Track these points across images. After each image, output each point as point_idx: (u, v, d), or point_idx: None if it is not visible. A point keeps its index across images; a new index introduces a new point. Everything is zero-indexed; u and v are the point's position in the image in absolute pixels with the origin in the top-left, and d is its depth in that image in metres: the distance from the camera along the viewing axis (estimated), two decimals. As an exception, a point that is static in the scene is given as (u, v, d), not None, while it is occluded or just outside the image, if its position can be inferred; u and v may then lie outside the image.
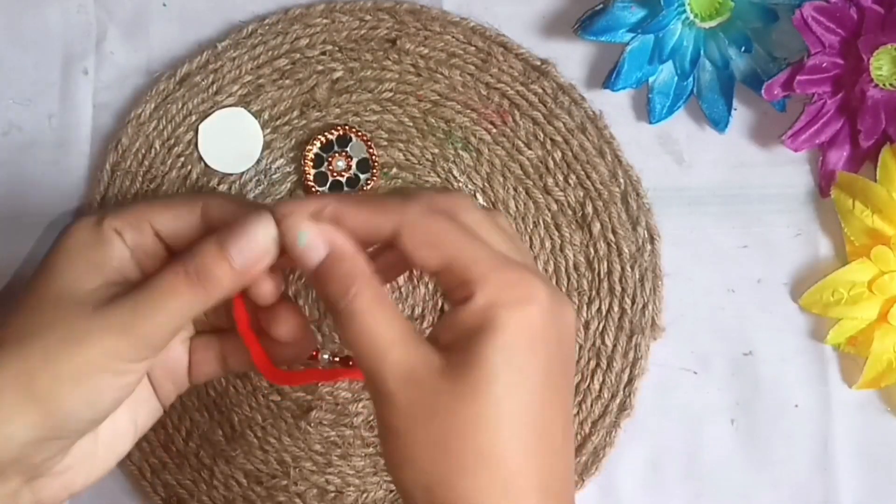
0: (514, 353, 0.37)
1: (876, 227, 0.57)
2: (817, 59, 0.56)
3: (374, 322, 0.38)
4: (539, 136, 0.59)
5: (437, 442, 0.37)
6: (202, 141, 0.58)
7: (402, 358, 0.38)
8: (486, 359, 0.37)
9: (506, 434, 0.37)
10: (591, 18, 0.58)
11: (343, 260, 0.39)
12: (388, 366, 0.38)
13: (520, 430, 0.37)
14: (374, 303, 0.38)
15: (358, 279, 0.39)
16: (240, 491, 0.57)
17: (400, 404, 0.37)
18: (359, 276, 0.39)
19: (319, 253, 0.39)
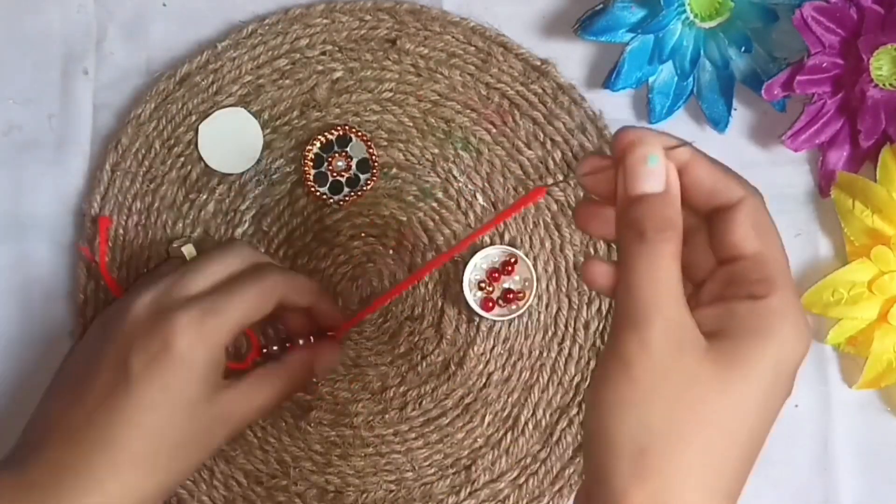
0: (781, 371, 0.38)
1: (876, 227, 0.57)
2: (817, 59, 0.56)
3: (671, 269, 0.38)
4: (539, 136, 0.59)
5: (675, 417, 0.37)
6: (202, 141, 0.58)
7: (677, 314, 0.38)
8: (760, 364, 0.37)
9: (742, 438, 0.38)
10: (591, 18, 0.58)
11: (674, 205, 0.39)
12: (662, 313, 0.37)
13: (752, 442, 0.38)
14: (678, 256, 0.38)
15: (677, 228, 0.39)
16: (240, 491, 0.57)
17: (656, 354, 0.37)
18: (679, 227, 0.39)
19: (657, 184, 0.39)
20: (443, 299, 0.58)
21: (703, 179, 0.40)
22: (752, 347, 0.38)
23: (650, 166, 0.39)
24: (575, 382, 0.58)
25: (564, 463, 0.57)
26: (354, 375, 0.58)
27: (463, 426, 0.57)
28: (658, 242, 0.38)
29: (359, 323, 0.58)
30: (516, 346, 0.58)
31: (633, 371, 0.37)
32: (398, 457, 0.57)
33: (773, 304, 0.38)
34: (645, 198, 0.39)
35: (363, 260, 0.58)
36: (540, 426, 0.58)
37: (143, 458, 0.48)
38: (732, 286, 0.39)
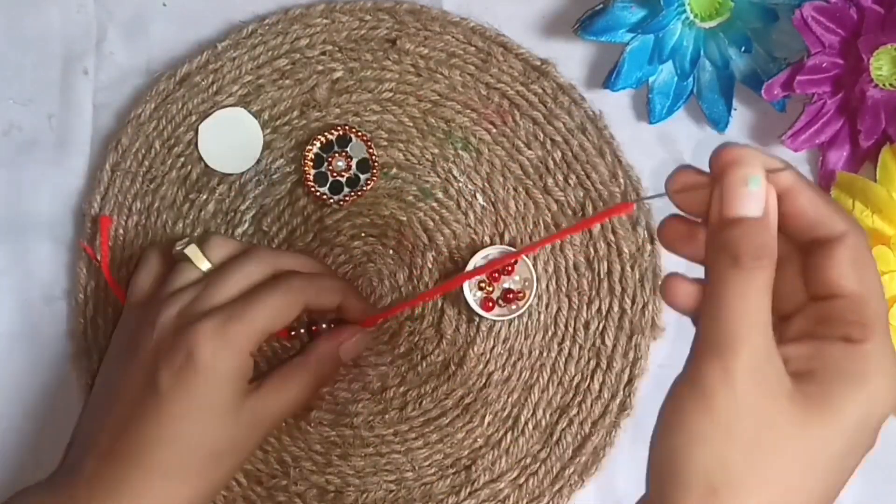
0: (868, 423, 0.36)
1: (876, 227, 0.56)
2: (817, 59, 0.56)
3: (763, 300, 0.36)
4: (539, 136, 0.59)
5: (756, 452, 0.35)
6: (202, 141, 0.58)
7: (764, 349, 0.36)
8: (848, 413, 0.36)
9: (818, 488, 0.36)
10: (591, 18, 0.58)
11: (771, 233, 0.37)
12: (748, 345, 0.36)
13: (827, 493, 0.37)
14: (770, 286, 0.36)
15: (773, 257, 0.37)
16: (240, 491, 0.57)
17: (738, 388, 0.35)
18: (774, 255, 0.37)
19: (756, 208, 0.37)
20: (443, 299, 0.58)
21: (805, 209, 0.38)
22: (842, 395, 0.36)
23: (751, 189, 0.36)
24: (575, 382, 0.58)
25: (564, 463, 0.57)
26: (354, 375, 0.58)
27: (463, 426, 0.57)
28: (752, 270, 0.36)
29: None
30: (516, 346, 0.58)
31: (713, 402, 0.36)
32: (398, 457, 0.57)
33: (868, 350, 0.36)
34: (742, 221, 0.36)
35: (363, 260, 0.58)
36: (540, 426, 0.58)
37: (176, 468, 0.49)
38: (825, 325, 0.37)
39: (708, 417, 0.36)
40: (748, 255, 0.36)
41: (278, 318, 0.51)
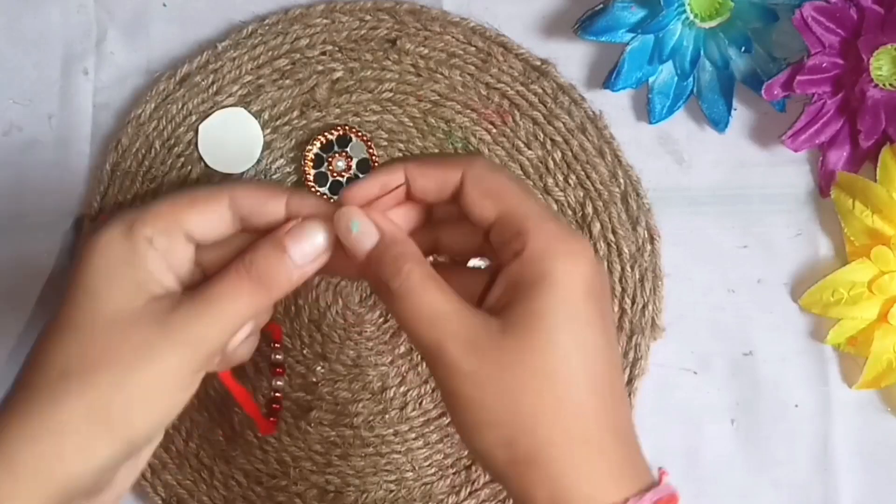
0: (573, 304, 0.38)
1: (876, 227, 0.57)
2: (817, 59, 0.56)
3: (430, 297, 0.39)
4: (539, 136, 0.59)
5: (512, 398, 0.38)
6: (202, 141, 0.58)
7: (461, 327, 0.38)
8: (548, 311, 0.38)
9: (578, 381, 0.38)
10: (591, 18, 0.58)
11: (395, 243, 0.40)
12: (448, 336, 0.38)
13: (590, 377, 0.38)
14: (427, 279, 0.39)
15: (410, 259, 0.40)
16: (240, 491, 0.57)
17: (467, 371, 0.38)
18: (410, 256, 0.40)
19: (372, 239, 0.40)
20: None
21: (425, 185, 0.41)
22: (538, 301, 0.38)
23: (354, 232, 0.40)
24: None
25: (564, 463, 0.57)
26: (354, 375, 0.58)
27: (463, 426, 0.57)
28: (403, 284, 0.39)
29: None
30: (516, 346, 0.58)
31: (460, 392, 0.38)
32: (398, 457, 0.57)
33: (532, 251, 0.38)
34: (370, 255, 0.40)
35: (363, 260, 0.58)
36: (540, 426, 0.57)
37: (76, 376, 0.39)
38: (499, 255, 0.40)
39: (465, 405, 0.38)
40: (391, 277, 0.39)
41: (187, 206, 0.41)
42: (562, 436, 0.38)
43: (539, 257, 0.38)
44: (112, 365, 0.39)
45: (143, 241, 0.40)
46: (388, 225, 0.41)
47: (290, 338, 0.58)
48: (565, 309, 0.38)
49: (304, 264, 0.41)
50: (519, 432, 0.38)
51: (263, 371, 0.58)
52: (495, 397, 0.38)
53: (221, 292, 0.40)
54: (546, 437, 0.38)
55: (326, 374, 0.58)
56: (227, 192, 0.42)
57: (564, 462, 0.38)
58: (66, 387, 0.39)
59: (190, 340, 0.40)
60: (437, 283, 0.39)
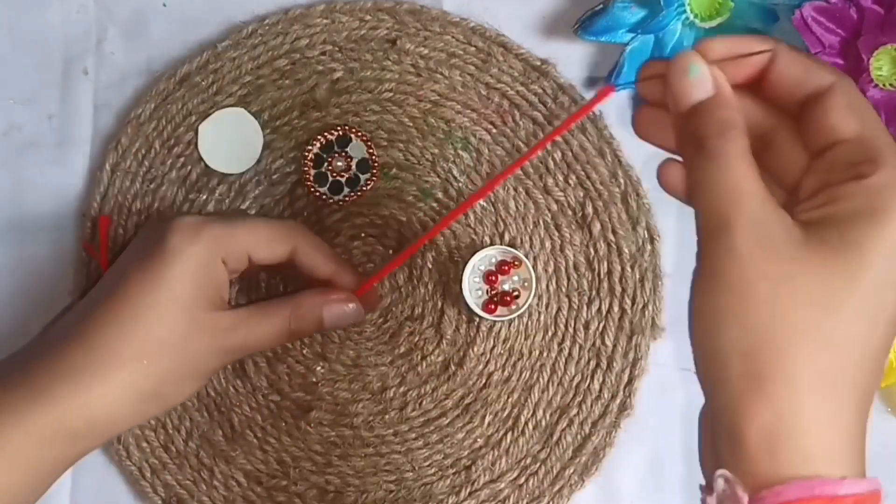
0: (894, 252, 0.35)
1: (876, 228, 0.56)
2: (817, 59, 0.56)
3: (742, 169, 0.36)
4: (539, 136, 0.59)
5: (779, 308, 0.35)
6: (202, 141, 0.58)
7: (760, 212, 0.36)
8: (873, 247, 0.35)
9: (862, 330, 0.35)
10: (591, 18, 0.58)
11: (728, 105, 0.38)
12: (743, 215, 0.35)
13: (876, 333, 0.35)
14: (745, 154, 0.37)
15: (738, 127, 0.37)
16: (240, 491, 0.57)
17: (747, 258, 0.35)
18: (739, 124, 0.37)
19: (705, 90, 0.38)
20: (443, 300, 0.58)
21: (789, 70, 0.38)
22: (861, 230, 0.35)
23: (691, 77, 0.38)
24: (575, 382, 0.58)
25: (564, 463, 0.57)
26: (354, 375, 0.58)
27: (463, 426, 0.57)
28: (721, 146, 0.36)
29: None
30: (516, 346, 0.58)
31: (724, 280, 0.35)
32: (398, 457, 0.57)
33: (880, 180, 0.35)
34: (696, 108, 0.38)
35: (363, 260, 0.58)
36: (540, 426, 0.58)
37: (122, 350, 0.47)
38: (835, 173, 0.37)
39: (724, 295, 0.35)
40: (712, 136, 0.37)
41: (261, 241, 0.50)
42: (810, 374, 0.34)
43: (884, 190, 0.35)
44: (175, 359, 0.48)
45: (220, 262, 0.49)
46: (727, 86, 0.38)
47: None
48: (891, 251, 0.35)
49: (330, 328, 0.53)
50: (766, 346, 0.34)
51: (262, 370, 0.58)
52: (761, 299, 0.35)
53: (264, 334, 0.50)
54: (793, 366, 0.34)
55: (326, 374, 0.58)
56: (295, 241, 0.51)
57: (798, 403, 0.34)
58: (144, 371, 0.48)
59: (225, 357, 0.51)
60: (752, 163, 0.37)
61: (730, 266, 0.35)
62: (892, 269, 0.35)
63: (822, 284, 0.35)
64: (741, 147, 0.37)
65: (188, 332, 0.48)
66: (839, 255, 0.35)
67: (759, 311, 0.35)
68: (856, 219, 0.35)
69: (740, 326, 0.35)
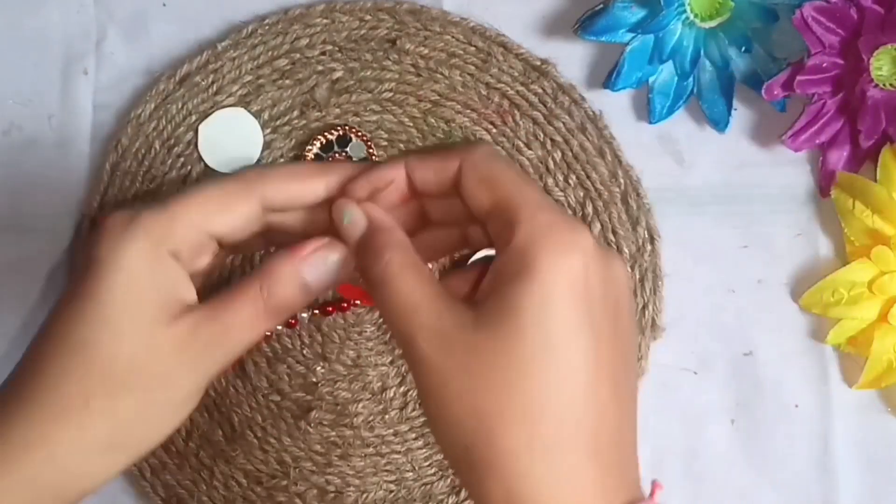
0: (551, 300, 0.35)
1: (876, 227, 0.57)
2: (817, 59, 0.56)
3: (405, 286, 0.38)
4: (539, 136, 0.59)
5: (473, 399, 0.35)
6: (202, 141, 0.58)
7: (432, 318, 0.37)
8: (520, 305, 0.35)
9: (544, 385, 0.35)
10: (591, 18, 0.58)
11: (381, 231, 0.40)
12: (417, 328, 0.37)
13: (561, 382, 0.35)
14: (405, 268, 0.38)
15: (392, 247, 0.39)
16: (240, 491, 0.57)
17: (433, 365, 0.36)
18: (394, 244, 0.39)
19: (361, 227, 0.40)
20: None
21: (424, 175, 0.41)
22: (513, 293, 0.35)
23: (346, 223, 0.40)
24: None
25: (564, 463, 0.57)
26: (355, 375, 0.58)
27: (463, 426, 0.57)
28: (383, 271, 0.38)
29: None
30: (516, 346, 0.58)
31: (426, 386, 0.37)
32: (398, 457, 0.57)
33: (518, 242, 0.36)
34: (357, 244, 0.40)
35: (363, 260, 0.58)
36: (540, 426, 0.57)
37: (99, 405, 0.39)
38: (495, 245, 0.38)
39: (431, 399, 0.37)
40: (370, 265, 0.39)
41: (213, 209, 0.40)
42: (520, 446, 0.35)
43: (524, 249, 0.36)
44: (134, 395, 0.39)
45: (169, 258, 0.40)
46: (377, 213, 0.40)
47: (289, 338, 0.58)
48: (540, 305, 0.35)
49: (320, 288, 0.41)
50: (475, 439, 0.35)
51: (263, 370, 0.58)
52: (456, 398, 0.36)
53: (238, 324, 0.40)
54: (503, 446, 0.35)
55: (326, 374, 0.58)
56: (257, 192, 0.41)
57: (523, 472, 0.35)
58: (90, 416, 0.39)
59: (206, 367, 0.40)
60: (417, 271, 0.38)
61: (426, 377, 0.37)
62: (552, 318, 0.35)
63: (498, 359, 0.35)
64: (402, 262, 0.38)
65: (141, 355, 0.39)
66: (501, 326, 0.35)
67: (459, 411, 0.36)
68: (506, 286, 0.36)
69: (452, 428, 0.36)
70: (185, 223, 0.40)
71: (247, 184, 0.41)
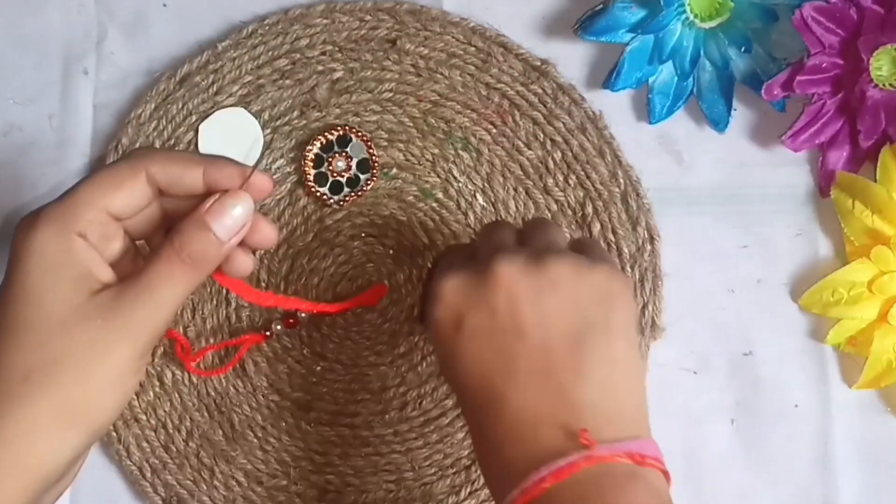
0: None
1: (876, 227, 0.57)
2: (817, 60, 0.56)
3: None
4: (539, 136, 0.59)
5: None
6: (202, 141, 0.58)
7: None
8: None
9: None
10: (591, 19, 0.58)
11: None
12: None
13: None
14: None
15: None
16: (240, 491, 0.57)
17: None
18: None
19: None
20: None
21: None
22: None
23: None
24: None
25: (564, 463, 0.57)
26: (354, 375, 0.58)
27: (463, 426, 0.57)
28: None
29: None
30: (516, 346, 0.58)
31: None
32: (398, 457, 0.57)
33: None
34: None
35: (363, 260, 0.58)
36: (540, 426, 0.57)
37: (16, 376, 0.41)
38: None
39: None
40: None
41: (107, 189, 0.43)
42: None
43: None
44: (70, 363, 0.41)
45: (76, 238, 0.42)
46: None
47: (289, 337, 0.58)
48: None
49: (229, 237, 0.44)
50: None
51: (263, 369, 0.58)
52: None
53: (158, 280, 0.43)
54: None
55: (326, 374, 0.58)
56: (142, 168, 0.44)
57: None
58: (31, 389, 0.41)
59: (135, 330, 0.42)
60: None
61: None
62: None
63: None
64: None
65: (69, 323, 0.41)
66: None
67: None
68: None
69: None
70: (83, 204, 0.43)
71: (133, 162, 0.44)
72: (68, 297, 0.42)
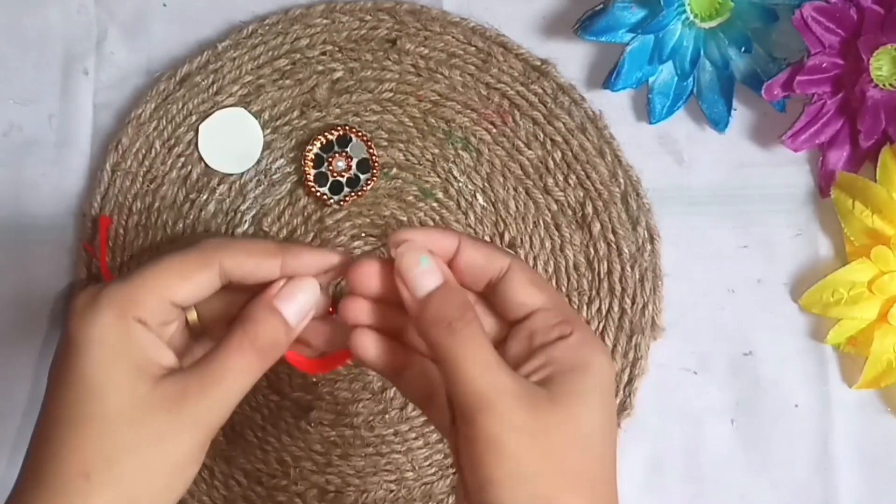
0: (602, 391, 0.41)
1: (876, 227, 0.57)
2: (817, 60, 0.56)
3: (488, 347, 0.40)
4: (539, 136, 0.59)
5: (556, 458, 0.39)
6: (202, 141, 0.58)
7: (515, 383, 0.40)
8: (589, 393, 0.41)
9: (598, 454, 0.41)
10: (591, 19, 0.58)
11: (459, 290, 0.42)
12: (502, 388, 0.39)
13: (606, 453, 0.41)
14: (483, 332, 0.41)
15: (472, 309, 0.41)
16: (240, 491, 0.57)
17: (514, 422, 0.39)
18: (472, 307, 0.41)
19: (436, 280, 0.42)
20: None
21: (474, 258, 0.43)
22: (579, 379, 0.41)
23: (423, 268, 0.41)
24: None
25: (564, 463, 0.57)
26: (354, 375, 0.58)
27: (463, 426, 0.57)
28: (466, 327, 0.40)
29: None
30: (516, 346, 0.58)
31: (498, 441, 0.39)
32: (398, 457, 0.57)
33: (580, 337, 0.42)
34: (433, 295, 0.41)
35: (363, 260, 0.58)
36: (540, 426, 0.57)
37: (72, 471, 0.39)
38: (538, 336, 0.42)
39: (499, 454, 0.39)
40: (456, 319, 0.40)
41: (174, 279, 0.41)
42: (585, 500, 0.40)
43: (586, 344, 0.41)
44: (132, 458, 0.40)
45: (136, 325, 0.41)
46: (450, 273, 0.42)
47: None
48: (601, 394, 0.41)
49: (299, 323, 0.43)
50: (558, 489, 0.39)
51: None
52: (534, 456, 0.39)
53: (227, 369, 0.41)
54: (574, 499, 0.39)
55: (326, 373, 0.58)
56: (216, 262, 0.42)
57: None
58: (91, 486, 0.39)
59: (202, 422, 0.41)
60: (488, 339, 0.41)
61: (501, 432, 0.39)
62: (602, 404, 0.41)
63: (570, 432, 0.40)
64: (481, 326, 0.41)
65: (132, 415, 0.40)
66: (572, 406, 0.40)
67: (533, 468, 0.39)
68: (572, 371, 0.41)
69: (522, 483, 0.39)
70: (147, 292, 0.41)
71: (206, 254, 0.42)
72: (131, 389, 0.40)
